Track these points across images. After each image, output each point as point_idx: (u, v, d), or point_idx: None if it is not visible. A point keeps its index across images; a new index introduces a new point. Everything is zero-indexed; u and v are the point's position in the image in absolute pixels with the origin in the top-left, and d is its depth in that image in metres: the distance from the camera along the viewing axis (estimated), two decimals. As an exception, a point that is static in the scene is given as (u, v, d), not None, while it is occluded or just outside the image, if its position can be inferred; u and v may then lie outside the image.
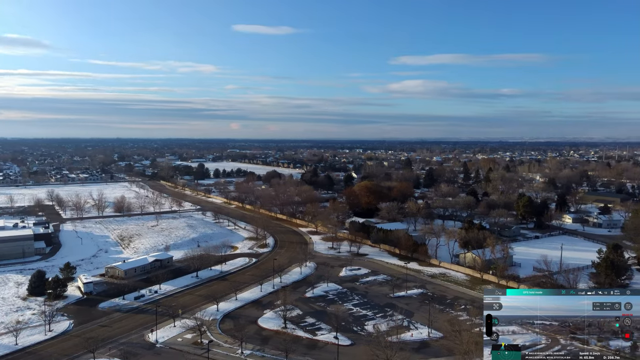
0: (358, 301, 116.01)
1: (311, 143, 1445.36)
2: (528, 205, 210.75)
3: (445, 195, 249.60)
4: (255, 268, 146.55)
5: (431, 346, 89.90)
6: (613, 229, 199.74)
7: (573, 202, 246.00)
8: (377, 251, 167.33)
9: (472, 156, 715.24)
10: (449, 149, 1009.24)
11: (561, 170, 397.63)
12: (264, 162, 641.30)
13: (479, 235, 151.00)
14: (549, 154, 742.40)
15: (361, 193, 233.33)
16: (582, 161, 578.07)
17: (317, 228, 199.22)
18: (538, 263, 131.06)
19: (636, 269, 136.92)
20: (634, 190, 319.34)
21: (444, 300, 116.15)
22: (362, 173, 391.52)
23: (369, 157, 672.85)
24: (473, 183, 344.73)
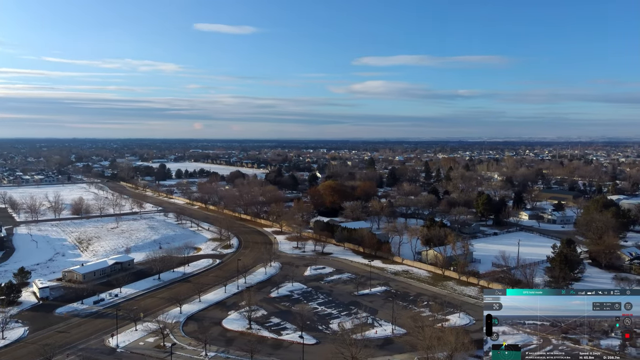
0: (323, 300, 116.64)
1: (275, 143, 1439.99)
2: (487, 203, 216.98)
3: (407, 194, 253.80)
4: (219, 269, 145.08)
5: (395, 342, 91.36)
6: (566, 225, 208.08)
7: (529, 199, 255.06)
8: (342, 250, 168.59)
9: (433, 155, 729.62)
10: (411, 148, 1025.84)
11: (518, 169, 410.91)
12: (227, 162, 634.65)
13: (441, 233, 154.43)
14: (506, 153, 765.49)
15: (325, 192, 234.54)
16: (537, 160, 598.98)
17: (282, 228, 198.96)
18: (497, 259, 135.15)
19: (588, 263, 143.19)
20: (585, 187, 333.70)
21: (407, 297, 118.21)
22: (326, 173, 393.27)
23: (333, 157, 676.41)
24: (434, 182, 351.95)
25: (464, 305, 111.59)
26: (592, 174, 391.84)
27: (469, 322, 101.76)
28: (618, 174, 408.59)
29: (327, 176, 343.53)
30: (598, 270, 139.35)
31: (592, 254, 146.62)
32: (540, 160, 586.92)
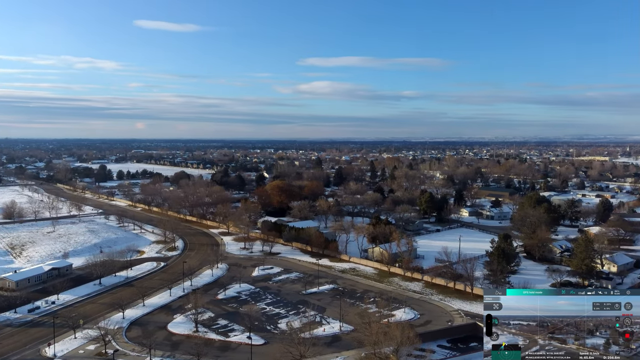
0: (271, 300, 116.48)
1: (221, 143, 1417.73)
2: (429, 200, 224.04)
3: (354, 193, 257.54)
4: (163, 272, 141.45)
5: (343, 339, 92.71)
6: (503, 221, 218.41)
7: (469, 196, 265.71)
8: (290, 249, 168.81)
9: (378, 155, 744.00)
10: (357, 148, 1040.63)
11: (458, 168, 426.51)
12: (171, 163, 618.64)
13: (386, 230, 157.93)
14: (448, 153, 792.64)
15: (273, 192, 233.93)
16: (476, 159, 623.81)
17: (229, 229, 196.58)
18: (439, 254, 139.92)
19: (523, 256, 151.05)
20: (520, 185, 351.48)
21: (354, 294, 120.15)
22: (273, 173, 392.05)
23: (281, 157, 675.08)
24: (379, 181, 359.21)
25: (409, 300, 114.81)
26: (526, 172, 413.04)
27: (414, 316, 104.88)
28: (549, 172, 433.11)
29: (274, 176, 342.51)
30: (532, 263, 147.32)
31: (527, 247, 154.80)
32: (479, 160, 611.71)
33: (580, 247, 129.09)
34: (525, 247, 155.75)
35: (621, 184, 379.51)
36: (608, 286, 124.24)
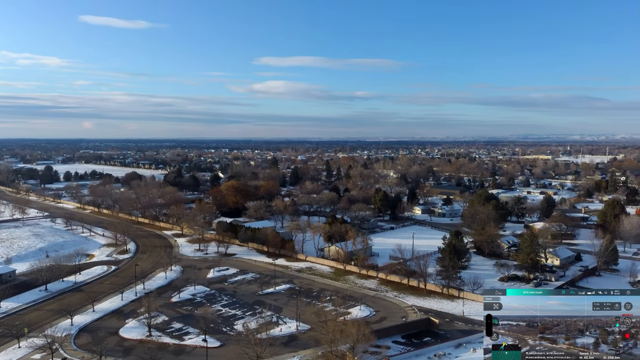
0: (227, 301, 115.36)
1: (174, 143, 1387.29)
2: (384, 199, 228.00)
3: (310, 192, 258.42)
4: (114, 276, 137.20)
5: (299, 339, 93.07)
6: (454, 218, 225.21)
7: (421, 195, 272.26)
8: (246, 250, 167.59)
9: (334, 155, 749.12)
10: (313, 148, 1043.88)
11: (411, 167, 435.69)
12: (122, 164, 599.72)
13: (342, 229, 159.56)
14: (401, 152, 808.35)
15: (228, 193, 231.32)
16: (428, 158, 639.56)
17: (183, 230, 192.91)
18: (394, 252, 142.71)
19: (473, 252, 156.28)
20: (469, 183, 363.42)
21: (310, 293, 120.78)
22: (228, 173, 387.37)
23: (236, 157, 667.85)
24: (335, 180, 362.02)
25: (364, 297, 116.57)
26: (475, 171, 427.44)
27: (370, 313, 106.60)
28: (497, 170, 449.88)
29: (229, 176, 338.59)
30: (482, 258, 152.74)
31: (477, 243, 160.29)
32: (430, 159, 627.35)
33: (526, 242, 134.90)
34: (475, 243, 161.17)
35: (563, 181, 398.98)
36: (551, 279, 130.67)
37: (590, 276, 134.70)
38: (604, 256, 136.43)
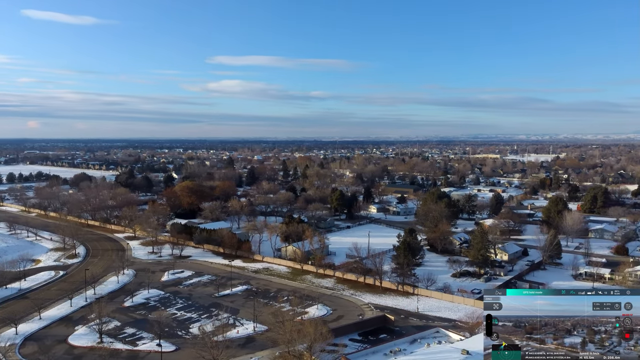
0: (182, 304, 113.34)
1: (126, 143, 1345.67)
2: (340, 198, 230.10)
3: (266, 192, 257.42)
4: (63, 281, 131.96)
5: (257, 340, 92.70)
6: (408, 216, 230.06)
7: (377, 193, 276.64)
8: (201, 252, 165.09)
9: (291, 154, 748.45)
10: (269, 147, 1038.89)
11: (366, 166, 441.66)
12: (71, 164, 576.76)
13: (299, 229, 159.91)
14: (356, 152, 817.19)
15: (182, 193, 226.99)
16: (383, 158, 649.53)
17: (136, 232, 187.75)
18: (350, 250, 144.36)
19: (427, 249, 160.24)
20: (423, 181, 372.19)
21: (268, 294, 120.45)
22: (183, 173, 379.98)
23: (190, 157, 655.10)
24: (292, 180, 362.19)
25: (321, 296, 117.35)
26: (428, 170, 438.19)
27: (327, 312, 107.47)
28: (449, 169, 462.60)
29: (184, 177, 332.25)
30: (435, 255, 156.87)
31: (430, 240, 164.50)
32: (385, 158, 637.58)
33: (476, 238, 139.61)
34: (429, 240, 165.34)
35: (510, 179, 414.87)
36: (501, 274, 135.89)
37: (537, 270, 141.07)
38: (548, 251, 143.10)
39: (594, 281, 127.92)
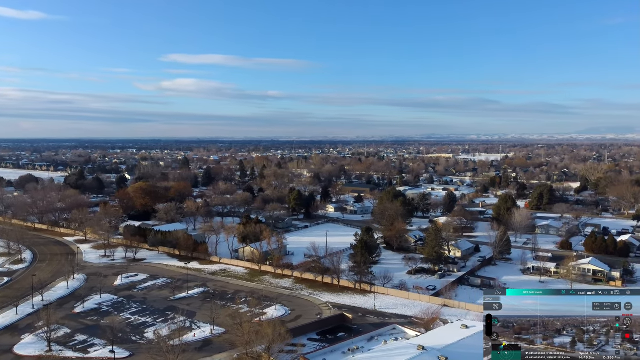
0: (136, 309, 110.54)
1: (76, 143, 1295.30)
2: (298, 198, 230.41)
3: (223, 193, 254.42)
4: (7, 288, 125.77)
5: (214, 343, 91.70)
6: (365, 215, 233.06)
7: (334, 193, 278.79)
8: (156, 254, 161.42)
9: (248, 155, 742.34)
10: (226, 147, 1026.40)
11: (324, 166, 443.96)
12: (15, 165, 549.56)
13: (256, 229, 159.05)
14: (314, 152, 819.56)
15: (136, 195, 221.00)
16: (340, 157, 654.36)
17: (87, 236, 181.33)
18: (308, 250, 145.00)
19: (383, 247, 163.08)
20: (379, 180, 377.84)
21: (225, 296, 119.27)
22: (136, 174, 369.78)
23: (144, 157, 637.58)
24: (249, 180, 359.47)
25: (280, 297, 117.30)
26: (384, 169, 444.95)
27: (285, 312, 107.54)
28: (404, 168, 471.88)
29: (137, 178, 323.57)
30: (392, 253, 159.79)
31: (386, 238, 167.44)
32: (342, 158, 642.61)
33: (431, 236, 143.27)
34: (385, 238, 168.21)
35: (463, 177, 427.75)
36: (454, 270, 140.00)
37: (488, 266, 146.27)
38: (499, 247, 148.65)
39: (541, 275, 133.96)
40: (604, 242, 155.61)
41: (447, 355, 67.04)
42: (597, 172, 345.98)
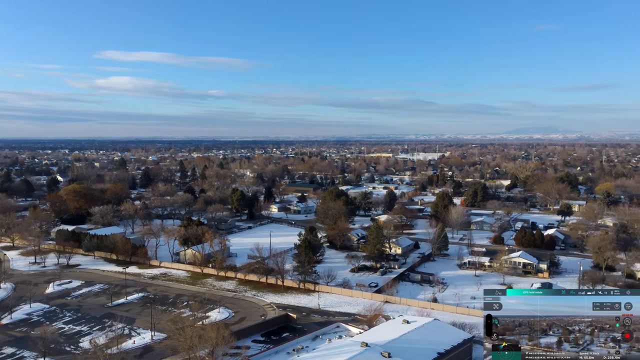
0: (70, 317, 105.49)
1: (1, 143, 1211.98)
2: (241, 199, 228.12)
3: (163, 194, 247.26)
4: None
5: (155, 349, 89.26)
6: (309, 214, 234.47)
7: (278, 193, 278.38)
8: (92, 260, 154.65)
9: (188, 155, 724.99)
10: (165, 147, 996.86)
11: (267, 166, 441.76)
12: None
13: (198, 231, 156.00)
14: (257, 152, 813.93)
15: (69, 198, 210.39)
16: (283, 157, 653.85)
17: (14, 242, 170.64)
18: (252, 251, 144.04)
19: (327, 246, 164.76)
20: (322, 180, 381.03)
21: (166, 300, 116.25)
22: (69, 176, 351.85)
23: (77, 158, 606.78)
24: (190, 181, 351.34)
25: (223, 299, 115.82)
26: (327, 169, 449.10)
27: (229, 315, 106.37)
28: (346, 168, 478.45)
29: (70, 179, 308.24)
30: (335, 252, 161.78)
31: (330, 237, 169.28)
32: (285, 158, 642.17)
33: (372, 234, 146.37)
34: (329, 237, 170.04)
35: (402, 176, 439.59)
36: (395, 267, 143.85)
37: (427, 262, 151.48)
38: (437, 243, 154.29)
39: (476, 269, 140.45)
40: (532, 236, 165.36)
41: (390, 351, 68.96)
42: (526, 170, 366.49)
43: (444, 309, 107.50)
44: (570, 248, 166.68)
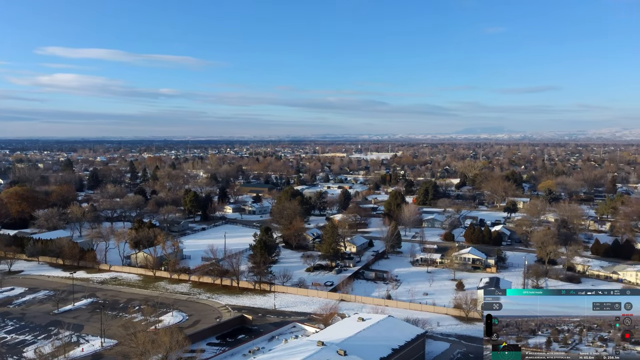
0: (13, 326, 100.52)
1: None
2: (194, 200, 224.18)
3: (112, 196, 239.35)
4: None
5: (105, 356, 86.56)
6: (264, 215, 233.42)
7: (232, 193, 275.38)
8: (36, 265, 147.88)
9: (139, 155, 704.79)
10: (114, 148, 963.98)
11: (221, 166, 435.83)
12: None
13: (150, 234, 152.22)
14: (210, 152, 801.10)
15: (10, 201, 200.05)
16: (237, 157, 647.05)
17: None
18: (206, 253, 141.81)
19: (282, 246, 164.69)
20: (277, 180, 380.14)
21: (116, 305, 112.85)
22: (10, 177, 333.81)
23: (19, 159, 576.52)
24: (141, 182, 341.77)
25: (176, 303, 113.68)
26: (282, 169, 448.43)
27: (183, 318, 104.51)
28: (301, 168, 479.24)
29: (11, 181, 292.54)
30: (290, 252, 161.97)
31: (285, 237, 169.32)
32: (240, 158, 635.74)
33: (327, 233, 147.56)
34: (284, 237, 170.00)
35: (356, 176, 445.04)
36: (350, 265, 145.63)
37: (381, 259, 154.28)
38: (390, 241, 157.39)
39: (428, 266, 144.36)
40: (480, 232, 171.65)
41: (346, 349, 69.94)
42: (474, 169, 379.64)
43: (398, 306, 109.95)
44: (515, 243, 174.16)
